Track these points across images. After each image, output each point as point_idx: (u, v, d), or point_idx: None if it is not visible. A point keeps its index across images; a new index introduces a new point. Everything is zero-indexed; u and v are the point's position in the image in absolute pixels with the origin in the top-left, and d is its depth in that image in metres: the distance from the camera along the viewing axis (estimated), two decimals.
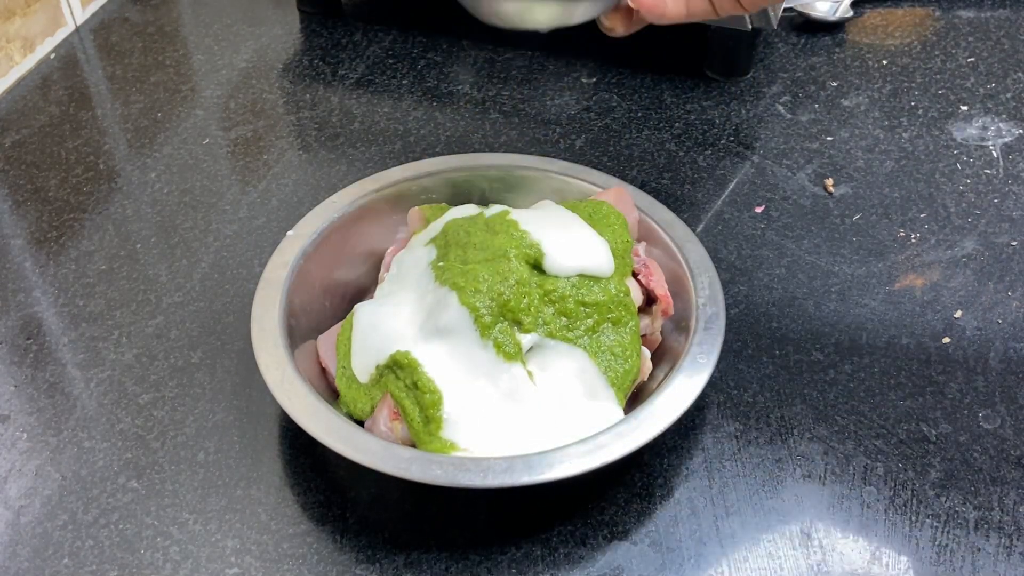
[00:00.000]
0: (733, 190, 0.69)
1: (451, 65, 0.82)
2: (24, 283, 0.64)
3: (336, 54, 0.83)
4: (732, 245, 0.65)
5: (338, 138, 0.75)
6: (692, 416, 0.55)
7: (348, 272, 0.59)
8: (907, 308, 0.61)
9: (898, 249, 0.65)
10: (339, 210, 0.59)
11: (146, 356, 0.59)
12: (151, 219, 0.68)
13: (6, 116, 0.78)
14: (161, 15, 0.89)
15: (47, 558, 0.49)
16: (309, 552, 0.49)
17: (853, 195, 0.69)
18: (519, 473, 0.46)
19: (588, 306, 0.51)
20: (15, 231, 0.68)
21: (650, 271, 0.55)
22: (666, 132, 0.74)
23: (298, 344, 0.53)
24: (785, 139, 0.74)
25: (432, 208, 0.58)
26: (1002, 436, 0.54)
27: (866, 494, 0.51)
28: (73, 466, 0.53)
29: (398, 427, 0.49)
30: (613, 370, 0.51)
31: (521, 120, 0.76)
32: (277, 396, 0.49)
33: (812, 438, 0.54)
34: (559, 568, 0.49)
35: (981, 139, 0.73)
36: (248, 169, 0.72)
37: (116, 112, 0.78)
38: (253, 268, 0.64)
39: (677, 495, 0.51)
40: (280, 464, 0.53)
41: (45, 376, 0.58)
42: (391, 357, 0.50)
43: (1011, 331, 0.60)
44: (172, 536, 0.50)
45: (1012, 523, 0.50)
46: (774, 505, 0.51)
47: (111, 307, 0.62)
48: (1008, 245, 0.65)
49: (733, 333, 0.59)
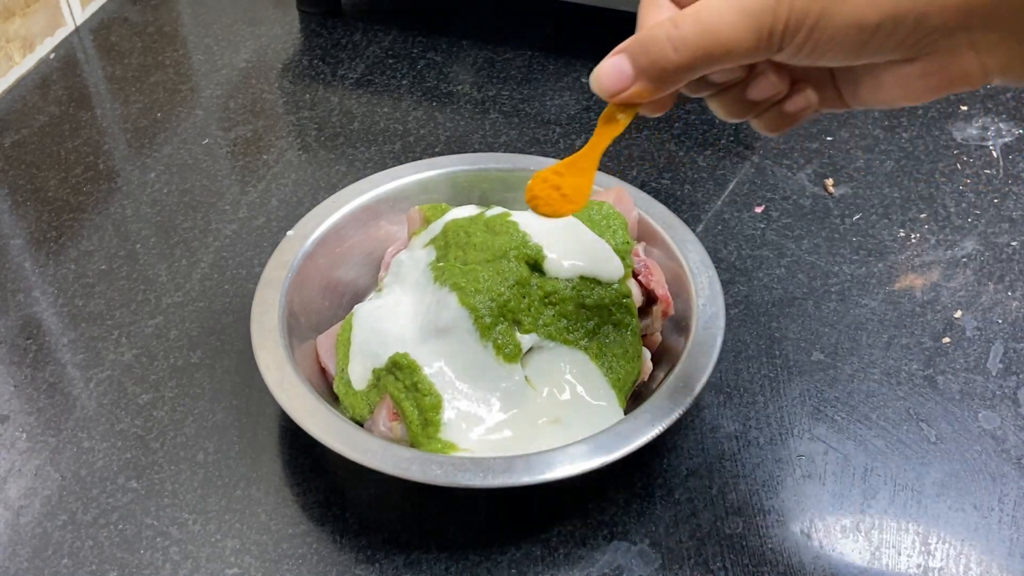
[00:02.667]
0: (733, 190, 0.69)
1: (451, 65, 0.82)
2: (24, 283, 0.64)
3: (336, 54, 0.83)
4: (732, 245, 0.65)
5: (338, 138, 0.75)
6: (692, 416, 0.55)
7: (348, 272, 0.59)
8: (907, 308, 0.61)
9: (898, 249, 0.65)
10: (339, 210, 0.59)
11: (146, 356, 0.59)
12: (151, 219, 0.68)
13: (6, 116, 0.77)
14: (161, 15, 0.89)
15: (47, 558, 0.49)
16: (309, 552, 0.49)
17: (853, 195, 0.69)
18: (519, 473, 0.46)
19: (589, 308, 0.51)
20: (15, 231, 0.68)
21: (650, 271, 0.55)
22: (666, 132, 0.74)
23: (298, 344, 0.53)
24: (785, 139, 0.74)
25: (432, 208, 0.58)
26: (1002, 436, 0.54)
27: (866, 494, 0.51)
28: (73, 466, 0.53)
29: (397, 427, 0.49)
30: (615, 372, 0.51)
31: (521, 120, 0.76)
32: (277, 396, 0.49)
33: (812, 438, 0.54)
34: (559, 568, 0.49)
35: (981, 139, 0.73)
36: (248, 169, 0.72)
37: (116, 112, 0.78)
38: (253, 268, 0.64)
39: (677, 495, 0.51)
40: (280, 464, 0.53)
41: (45, 376, 0.58)
42: (391, 358, 0.50)
43: (1011, 331, 0.59)
44: (172, 536, 0.50)
45: (1012, 523, 0.50)
46: (774, 505, 0.51)
47: (111, 307, 0.62)
48: (1008, 245, 0.65)
49: (733, 333, 0.59)
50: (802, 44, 0.36)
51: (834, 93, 0.41)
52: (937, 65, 0.37)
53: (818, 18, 0.35)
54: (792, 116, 0.42)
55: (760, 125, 0.43)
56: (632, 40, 0.39)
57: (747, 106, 0.42)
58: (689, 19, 0.37)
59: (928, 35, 0.35)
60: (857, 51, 0.36)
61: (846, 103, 0.41)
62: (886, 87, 0.39)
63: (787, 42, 0.36)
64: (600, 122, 0.42)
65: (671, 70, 0.38)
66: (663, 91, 0.39)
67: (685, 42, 0.37)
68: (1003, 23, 0.35)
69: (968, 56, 0.36)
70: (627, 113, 0.41)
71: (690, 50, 0.37)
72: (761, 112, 0.42)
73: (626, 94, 0.39)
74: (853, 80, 0.40)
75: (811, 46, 0.36)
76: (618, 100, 0.40)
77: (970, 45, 0.36)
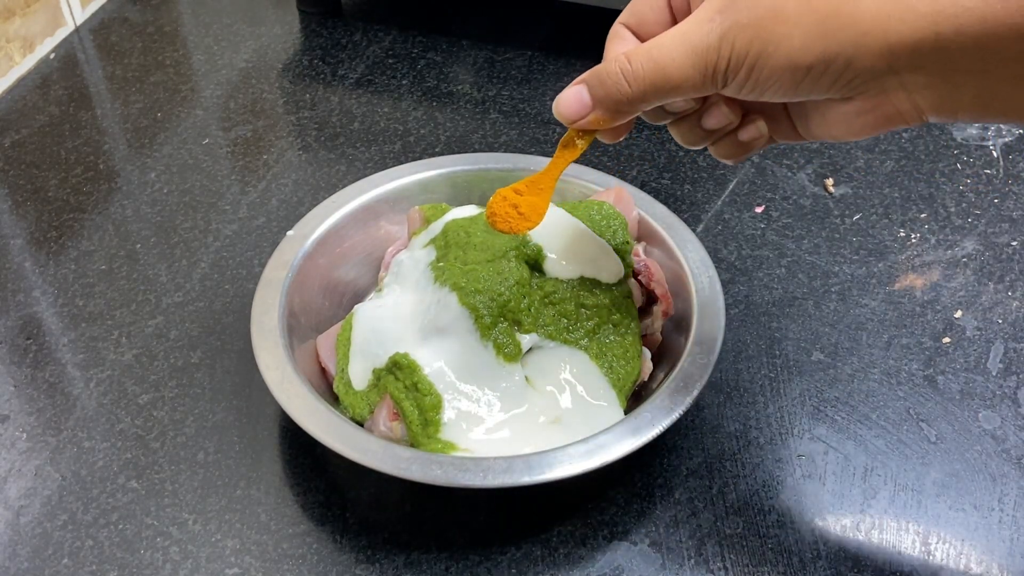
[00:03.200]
0: (733, 190, 0.69)
1: (451, 65, 0.82)
2: (24, 283, 0.64)
3: (336, 54, 0.83)
4: (732, 245, 0.65)
5: (338, 138, 0.75)
6: (692, 416, 0.55)
7: (348, 272, 0.59)
8: (907, 308, 0.61)
9: (898, 249, 0.65)
10: (339, 210, 0.59)
11: (146, 356, 0.59)
12: (151, 219, 0.68)
13: (6, 116, 0.78)
14: (161, 15, 0.89)
15: (47, 558, 0.49)
16: (309, 552, 0.49)
17: (853, 195, 0.69)
18: (519, 473, 0.46)
19: (589, 308, 0.51)
20: (15, 231, 0.68)
21: (650, 271, 0.55)
22: (666, 132, 0.74)
23: (298, 344, 0.53)
24: None
25: (432, 208, 0.58)
26: (1002, 436, 0.54)
27: (866, 494, 0.51)
28: (73, 466, 0.53)
29: (397, 427, 0.49)
30: (615, 372, 0.51)
31: (521, 120, 0.76)
32: (277, 396, 0.49)
33: (812, 438, 0.54)
34: (559, 568, 0.49)
35: (981, 139, 0.73)
36: (248, 169, 0.72)
37: (116, 112, 0.78)
38: (253, 268, 0.64)
39: (677, 495, 0.51)
40: (280, 464, 0.53)
41: (45, 376, 0.58)
42: (391, 358, 0.50)
43: (1011, 331, 0.59)
44: (172, 536, 0.50)
45: (1012, 523, 0.50)
46: (774, 505, 0.51)
47: (111, 307, 0.62)
48: (1008, 245, 0.65)
49: (733, 333, 0.59)
50: (744, 81, 0.39)
51: (788, 125, 0.44)
52: (872, 104, 0.39)
53: (756, 58, 0.38)
54: (746, 145, 0.45)
55: (717, 152, 0.46)
56: (591, 72, 0.42)
57: (703, 134, 0.45)
58: (642, 56, 0.40)
59: (858, 76, 0.37)
60: (794, 89, 0.38)
61: (800, 135, 0.44)
62: (830, 122, 0.41)
63: (730, 79, 0.39)
64: (560, 146, 0.46)
65: (624, 102, 0.41)
66: (618, 120, 0.43)
67: (637, 77, 0.40)
68: (928, 66, 0.36)
69: (900, 96, 0.38)
70: (585, 139, 0.45)
71: (641, 84, 0.40)
72: (716, 140, 0.45)
73: (584, 121, 0.43)
74: (804, 114, 0.43)
75: (752, 83, 0.39)
76: (577, 127, 0.44)
77: (900, 86, 0.37)
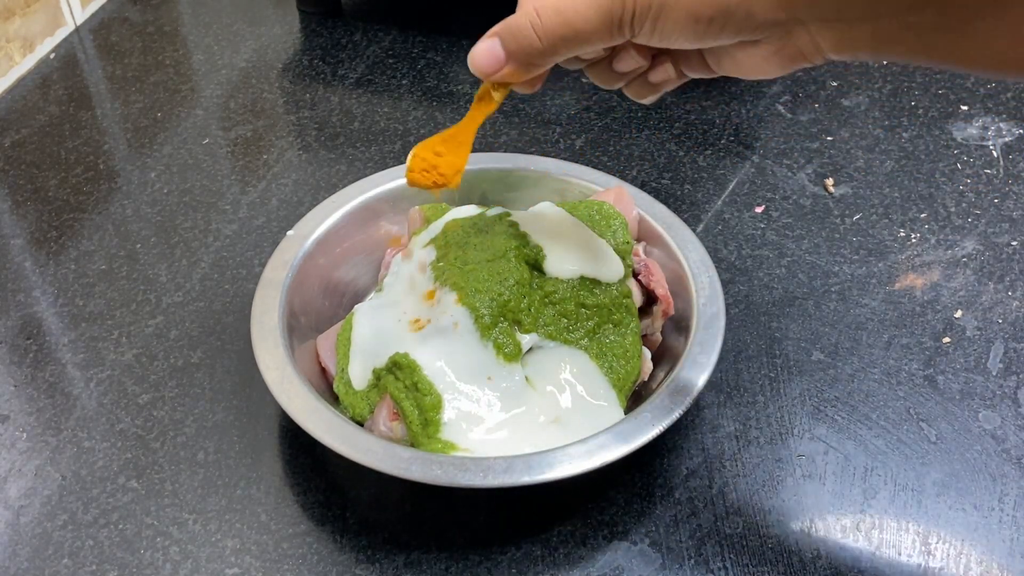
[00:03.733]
0: (733, 190, 0.69)
1: (451, 65, 0.82)
2: (24, 283, 0.64)
3: (336, 54, 0.83)
4: (732, 245, 0.65)
5: (338, 138, 0.75)
6: (692, 416, 0.55)
7: (348, 272, 0.59)
8: (907, 308, 0.61)
9: (898, 249, 0.65)
10: (339, 210, 0.59)
11: (146, 356, 0.59)
12: (151, 219, 0.68)
13: (6, 116, 0.78)
14: (161, 15, 0.89)
15: (47, 558, 0.49)
16: (309, 552, 0.49)
17: (853, 195, 0.69)
18: (519, 473, 0.46)
19: (589, 308, 0.51)
20: (15, 231, 0.68)
21: (650, 271, 0.55)
22: (666, 132, 0.74)
23: (298, 344, 0.53)
24: (785, 139, 0.74)
25: (432, 208, 0.58)
26: (1002, 436, 0.54)
27: (866, 494, 0.51)
28: (73, 466, 0.53)
29: (397, 427, 0.49)
30: (615, 372, 0.51)
31: (521, 120, 0.76)
32: (277, 396, 0.49)
33: (812, 438, 0.54)
34: (559, 568, 0.49)
35: (981, 139, 0.73)
36: (248, 169, 0.72)
37: (116, 112, 0.78)
38: (253, 268, 0.64)
39: (677, 495, 0.51)
40: (280, 464, 0.53)
41: (45, 376, 0.58)
42: (391, 358, 0.50)
43: (1011, 331, 0.59)
44: (172, 536, 0.50)
45: (1012, 523, 0.50)
46: (774, 505, 0.51)
47: (111, 307, 0.62)
48: (1008, 245, 0.65)
49: (733, 333, 0.59)
50: (650, 32, 0.41)
51: (700, 62, 0.45)
52: (777, 47, 0.41)
53: (659, 11, 0.40)
54: (656, 86, 0.47)
55: (630, 92, 0.48)
56: (503, 25, 0.43)
57: (616, 77, 0.47)
58: (549, 10, 0.41)
59: (759, 25, 0.39)
60: (699, 38, 0.40)
61: (712, 70, 0.45)
62: (739, 62, 0.43)
63: (636, 30, 0.41)
64: (476, 99, 0.47)
65: (536, 55, 0.43)
66: (531, 73, 0.44)
67: (547, 31, 0.42)
68: (823, 12, 0.38)
69: (803, 37, 0.40)
70: (501, 91, 0.46)
71: (551, 39, 0.42)
72: (629, 82, 0.47)
73: (499, 75, 0.44)
74: (714, 54, 0.44)
75: (659, 34, 0.41)
76: (492, 80, 0.45)
77: (803, 28, 0.39)
